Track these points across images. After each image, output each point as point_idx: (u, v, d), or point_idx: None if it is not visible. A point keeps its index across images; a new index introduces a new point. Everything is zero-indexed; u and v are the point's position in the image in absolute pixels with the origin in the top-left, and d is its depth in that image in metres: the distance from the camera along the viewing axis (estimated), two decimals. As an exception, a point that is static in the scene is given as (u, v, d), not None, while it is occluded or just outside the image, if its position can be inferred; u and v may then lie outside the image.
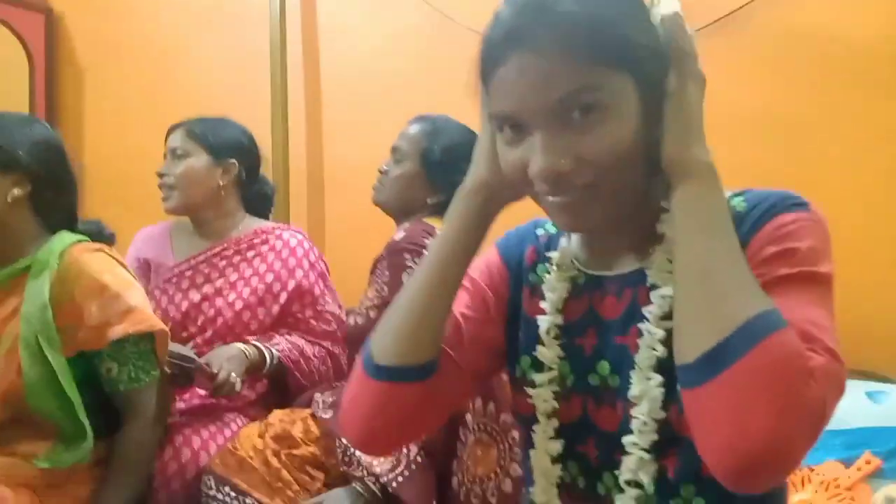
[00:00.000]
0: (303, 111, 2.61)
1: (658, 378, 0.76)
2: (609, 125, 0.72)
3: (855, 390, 1.57)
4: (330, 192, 2.60)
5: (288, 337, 1.79)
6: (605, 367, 0.83)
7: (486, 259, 0.95)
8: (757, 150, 1.90)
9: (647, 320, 0.78)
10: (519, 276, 0.93)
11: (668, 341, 0.75)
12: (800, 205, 0.76)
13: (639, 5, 0.76)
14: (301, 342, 1.79)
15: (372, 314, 1.60)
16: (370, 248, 1.83)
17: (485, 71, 0.77)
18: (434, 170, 1.71)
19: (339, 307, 1.92)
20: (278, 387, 1.81)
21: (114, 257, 1.45)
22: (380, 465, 1.38)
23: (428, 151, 1.72)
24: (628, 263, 0.83)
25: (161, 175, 1.83)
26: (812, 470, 1.46)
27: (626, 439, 0.78)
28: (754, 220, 0.75)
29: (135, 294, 1.42)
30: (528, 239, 0.94)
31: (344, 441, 1.44)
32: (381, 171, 1.78)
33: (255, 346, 1.70)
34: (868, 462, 1.43)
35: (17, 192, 1.38)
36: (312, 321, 1.84)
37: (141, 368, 1.41)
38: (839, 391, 0.66)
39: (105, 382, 1.41)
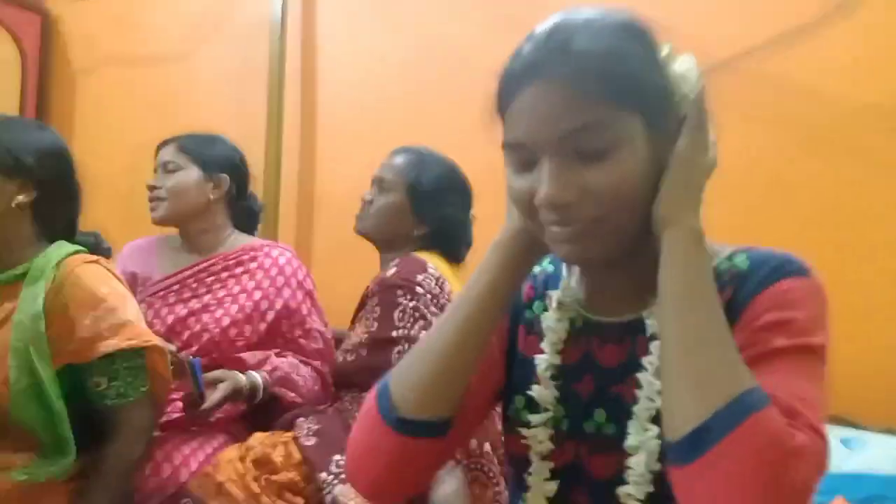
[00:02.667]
0: (297, 130, 2.61)
1: (655, 429, 0.77)
2: (616, 162, 0.74)
3: (830, 437, 1.60)
4: (319, 212, 2.59)
5: (284, 358, 1.78)
6: (601, 414, 0.83)
7: None
8: (728, 203, 1.94)
9: (647, 370, 0.79)
10: (516, 313, 0.92)
11: None
12: (802, 271, 0.77)
13: (652, 49, 0.78)
14: (296, 362, 1.79)
15: (363, 352, 1.57)
16: (356, 270, 1.84)
17: (502, 104, 0.79)
18: (421, 201, 1.72)
19: (325, 325, 1.92)
20: (263, 404, 1.78)
21: (110, 270, 1.45)
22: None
23: (415, 183, 1.72)
24: (628, 311, 0.83)
25: (152, 188, 1.83)
26: (786, 514, 1.48)
27: (622, 489, 0.78)
28: (757, 281, 0.76)
29: (129, 308, 1.41)
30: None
31: (323, 475, 1.43)
32: (364, 201, 1.78)
33: (252, 381, 1.67)
34: (841, 508, 1.46)
35: (21, 198, 1.37)
36: (302, 340, 1.84)
37: (130, 384, 1.39)
38: (822, 469, 0.67)
39: (92, 396, 1.39)
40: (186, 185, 1.82)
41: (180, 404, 1.67)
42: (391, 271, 1.61)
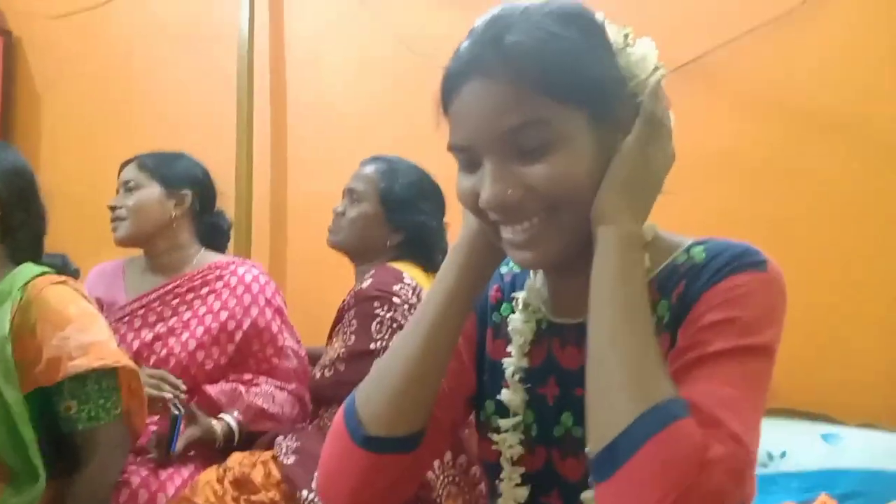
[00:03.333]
0: (268, 142, 2.59)
1: None
2: (559, 158, 0.71)
3: (810, 433, 1.61)
4: (292, 225, 2.57)
5: (257, 388, 1.75)
6: (569, 418, 0.82)
7: None
8: (722, 192, 1.95)
9: None
10: (484, 316, 0.91)
11: None
12: (756, 264, 0.73)
13: (595, 37, 0.75)
14: (270, 391, 1.76)
15: (340, 367, 1.55)
16: (332, 283, 1.81)
17: (445, 103, 0.76)
18: (393, 210, 1.70)
19: (297, 342, 1.89)
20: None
21: (78, 291, 1.41)
22: None
23: (386, 191, 1.71)
24: (586, 312, 0.79)
25: (113, 208, 1.79)
26: (770, 512, 1.48)
27: (585, 494, 0.77)
28: (708, 275, 0.74)
29: (99, 328, 1.38)
30: (492, 278, 0.89)
31: (305, 493, 1.40)
32: (336, 213, 1.76)
33: (226, 430, 1.65)
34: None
35: None
36: (274, 359, 1.80)
37: (102, 406, 1.35)
38: (741, 478, 0.64)
39: (63, 421, 1.35)
40: (147, 203, 1.78)
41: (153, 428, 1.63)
42: (367, 283, 1.59)
